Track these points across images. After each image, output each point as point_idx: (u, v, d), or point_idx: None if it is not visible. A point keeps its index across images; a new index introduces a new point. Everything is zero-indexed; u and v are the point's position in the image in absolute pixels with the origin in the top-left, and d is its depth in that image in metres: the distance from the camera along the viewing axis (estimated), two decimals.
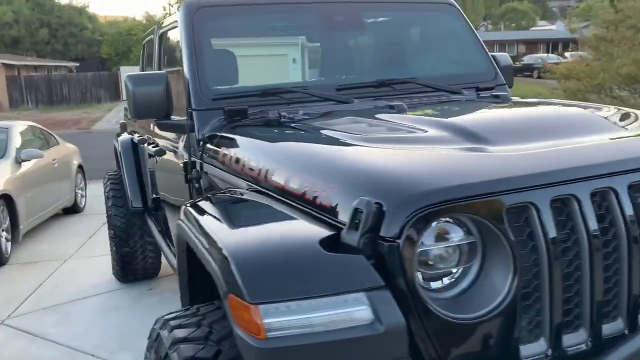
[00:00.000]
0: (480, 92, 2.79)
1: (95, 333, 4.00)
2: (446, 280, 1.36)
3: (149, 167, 3.85)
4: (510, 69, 3.17)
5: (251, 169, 1.85)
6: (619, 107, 2.18)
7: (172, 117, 2.57)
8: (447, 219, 1.30)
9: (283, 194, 1.63)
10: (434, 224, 1.29)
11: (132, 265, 4.74)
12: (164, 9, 41.72)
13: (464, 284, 1.35)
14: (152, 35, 3.87)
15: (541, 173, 1.35)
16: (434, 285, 1.34)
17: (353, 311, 1.19)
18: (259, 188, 1.78)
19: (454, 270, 1.35)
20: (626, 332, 1.42)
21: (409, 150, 1.55)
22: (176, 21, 2.80)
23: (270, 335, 1.16)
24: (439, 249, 1.31)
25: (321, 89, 2.60)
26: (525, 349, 1.35)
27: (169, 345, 1.46)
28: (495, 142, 1.58)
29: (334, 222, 1.39)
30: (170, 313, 1.69)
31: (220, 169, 2.16)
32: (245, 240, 1.34)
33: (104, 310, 4.44)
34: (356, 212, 1.28)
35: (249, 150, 1.94)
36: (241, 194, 1.77)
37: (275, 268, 1.24)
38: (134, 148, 4.63)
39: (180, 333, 1.49)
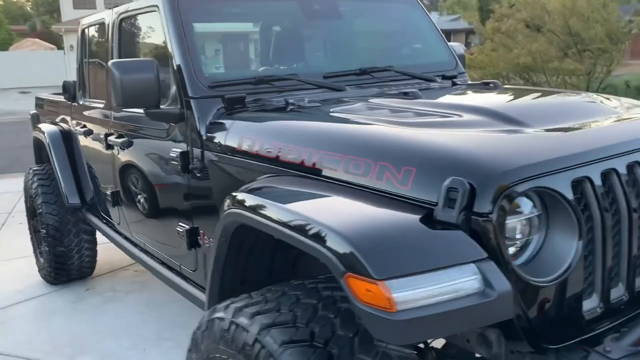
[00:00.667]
0: (449, 80, 2.99)
1: (42, 339, 3.72)
2: (512, 250, 1.51)
3: (97, 159, 3.65)
4: (463, 58, 3.42)
5: (293, 156, 1.87)
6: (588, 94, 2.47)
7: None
8: (523, 193, 1.45)
9: (339, 178, 1.69)
10: (514, 198, 1.42)
11: (67, 265, 4.46)
12: None
13: (531, 251, 1.51)
14: (94, 22, 3.65)
15: (597, 149, 1.54)
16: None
17: (468, 281, 1.29)
18: (303, 173, 1.81)
19: (524, 240, 1.50)
20: None
21: (465, 133, 1.67)
22: (152, 6, 2.69)
23: (401, 307, 1.24)
24: (516, 221, 1.46)
25: (310, 77, 2.65)
26: (584, 305, 1.54)
27: (258, 331, 1.47)
28: (530, 124, 1.75)
29: (413, 202, 1.48)
30: (233, 301, 1.68)
31: (237, 157, 2.15)
32: (355, 221, 1.39)
33: (44, 314, 4.13)
34: (450, 191, 1.38)
35: (284, 137, 1.95)
36: (293, 180, 1.79)
37: (391, 245, 1.31)
38: (65, 140, 4.34)
39: (265, 319, 1.50)
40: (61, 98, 4.80)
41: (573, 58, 9.33)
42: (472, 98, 2.28)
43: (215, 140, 2.29)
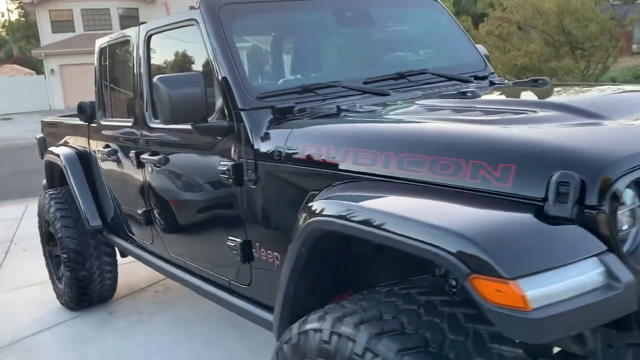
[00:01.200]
0: (485, 80, 2.99)
1: None
2: None
3: (124, 179, 3.58)
4: (488, 58, 3.43)
5: (367, 161, 1.84)
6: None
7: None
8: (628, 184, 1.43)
9: (424, 180, 1.66)
10: (621, 189, 1.41)
11: (90, 289, 4.36)
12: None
13: (631, 242, 1.49)
14: (114, 40, 3.60)
15: None
16: None
17: (593, 275, 1.28)
18: (380, 178, 1.79)
19: (628, 231, 1.48)
20: None
21: (554, 128, 1.66)
22: (190, 20, 2.66)
23: (535, 306, 1.21)
24: (622, 213, 1.44)
25: (351, 84, 2.63)
26: None
27: (367, 340, 1.43)
28: (608, 117, 1.75)
29: (515, 199, 1.46)
30: (326, 311, 1.64)
31: (300, 166, 2.11)
32: (471, 221, 1.36)
33: (70, 341, 4.02)
34: (560, 185, 1.37)
35: (355, 143, 1.92)
36: (377, 185, 1.76)
37: (516, 243, 1.29)
38: (82, 162, 4.27)
39: (372, 327, 1.46)
40: (73, 120, 4.73)
41: (567, 57, 9.49)
42: (535, 94, 2.28)
43: (272, 151, 2.25)
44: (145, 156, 3.14)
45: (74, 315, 4.45)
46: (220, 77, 2.46)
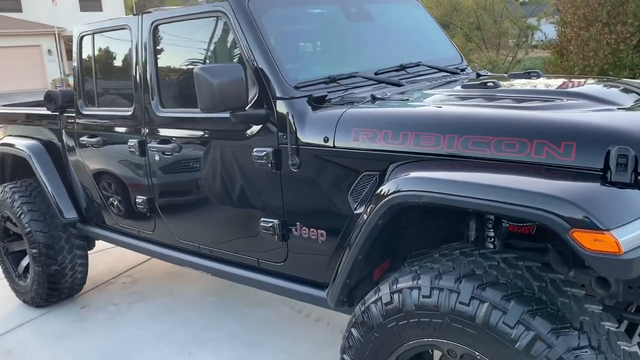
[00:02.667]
0: (472, 73, 3.37)
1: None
2: None
3: (116, 168, 3.56)
4: (460, 53, 3.83)
5: (431, 142, 2.10)
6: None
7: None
8: None
9: (490, 157, 1.96)
10: None
11: (61, 284, 4.26)
12: None
13: None
14: (105, 28, 3.55)
15: None
16: None
17: None
18: (442, 157, 2.06)
19: None
20: None
21: (594, 110, 2.03)
22: (215, 12, 2.76)
23: (626, 249, 1.55)
24: None
25: (367, 75, 2.88)
26: None
27: (472, 291, 1.71)
28: (620, 104, 2.16)
29: (578, 170, 1.80)
30: (418, 272, 1.89)
31: (353, 150, 2.32)
32: (561, 186, 1.67)
33: (51, 338, 3.91)
34: (620, 157, 1.73)
35: (414, 126, 2.17)
36: (444, 163, 2.03)
37: (604, 201, 1.62)
38: (50, 153, 4.15)
39: (473, 281, 1.75)
40: (32, 110, 4.53)
41: (480, 51, 10.35)
42: (548, 84, 2.64)
43: (319, 136, 2.44)
44: (153, 144, 3.18)
45: (41, 312, 4.32)
46: (258, 67, 2.60)
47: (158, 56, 3.15)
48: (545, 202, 1.65)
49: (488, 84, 2.53)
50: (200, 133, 2.95)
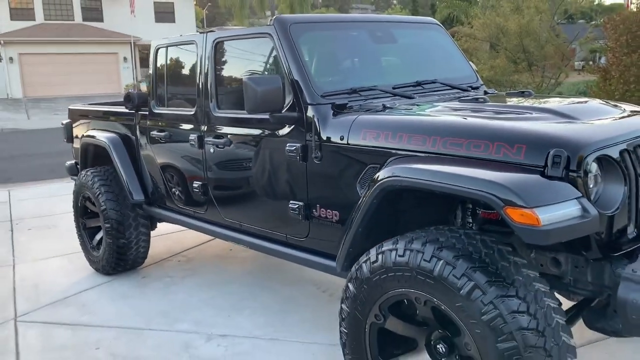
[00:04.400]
0: (479, 90, 3.90)
1: (131, 313, 4.29)
2: None
3: (179, 158, 4.29)
4: (477, 73, 4.35)
5: (418, 142, 2.68)
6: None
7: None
8: (594, 159, 2.33)
9: (462, 155, 2.51)
10: (589, 163, 2.31)
11: (127, 255, 5.03)
12: None
13: (594, 195, 2.38)
14: (175, 43, 4.31)
15: (632, 131, 2.46)
16: None
17: (575, 209, 2.14)
18: (427, 154, 2.63)
19: (593, 189, 2.37)
20: None
21: (547, 123, 2.55)
22: (264, 34, 3.43)
23: (544, 223, 2.08)
24: (590, 177, 2.33)
25: (385, 88, 3.48)
26: (627, 229, 2.45)
27: (433, 251, 2.28)
28: (580, 118, 2.66)
29: (525, 166, 2.33)
30: (397, 240, 2.47)
31: (361, 146, 2.92)
32: (504, 175, 2.22)
33: (118, 297, 4.67)
34: (555, 157, 2.25)
35: (408, 129, 2.75)
36: (426, 158, 2.60)
37: (532, 188, 2.16)
38: (125, 144, 4.94)
39: (434, 244, 2.31)
40: (112, 108, 5.39)
41: (525, 72, 10.72)
42: (528, 102, 3.16)
43: (337, 135, 3.06)
44: (209, 139, 3.89)
45: (109, 279, 5.10)
46: (293, 79, 3.25)
47: (217, 67, 3.87)
48: (489, 187, 2.20)
49: (479, 100, 3.08)
50: (246, 130, 3.63)
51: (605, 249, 2.39)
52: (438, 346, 2.47)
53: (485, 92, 3.81)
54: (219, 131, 3.84)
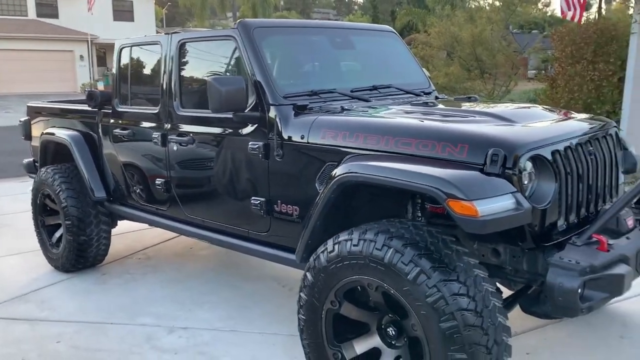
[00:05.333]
0: (430, 95, 4.16)
1: (93, 308, 4.36)
2: None
3: (141, 156, 4.39)
4: (430, 79, 4.62)
5: (373, 141, 2.88)
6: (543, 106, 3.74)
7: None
8: (527, 158, 2.59)
9: (412, 154, 2.74)
10: (524, 161, 2.56)
11: (87, 252, 5.07)
12: None
13: (529, 191, 2.64)
14: (140, 43, 4.41)
15: (568, 132, 2.74)
16: None
17: (510, 202, 2.39)
18: (381, 153, 2.84)
19: (527, 185, 2.63)
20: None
21: (488, 126, 2.80)
22: (228, 36, 3.59)
23: (481, 214, 2.31)
24: (524, 174, 2.59)
25: (343, 91, 3.68)
26: (558, 222, 2.72)
27: (384, 241, 2.48)
28: (518, 121, 2.92)
29: (466, 164, 2.56)
30: (351, 232, 2.66)
31: (321, 145, 3.11)
32: (447, 172, 2.44)
33: (79, 293, 4.72)
34: (493, 156, 2.49)
35: (365, 129, 2.95)
36: (380, 156, 2.81)
37: (472, 183, 2.39)
38: (87, 141, 5.00)
39: (385, 234, 2.51)
40: (74, 106, 5.42)
41: (477, 79, 11.19)
42: (473, 107, 3.42)
43: (298, 134, 3.24)
44: (172, 137, 4.01)
45: (69, 276, 5.12)
46: (256, 80, 3.41)
47: (181, 67, 4.00)
48: (434, 182, 2.42)
49: (429, 104, 3.33)
50: (209, 129, 3.77)
51: (538, 239, 2.65)
52: (388, 329, 2.69)
53: (437, 97, 4.07)
54: (182, 129, 3.97)
